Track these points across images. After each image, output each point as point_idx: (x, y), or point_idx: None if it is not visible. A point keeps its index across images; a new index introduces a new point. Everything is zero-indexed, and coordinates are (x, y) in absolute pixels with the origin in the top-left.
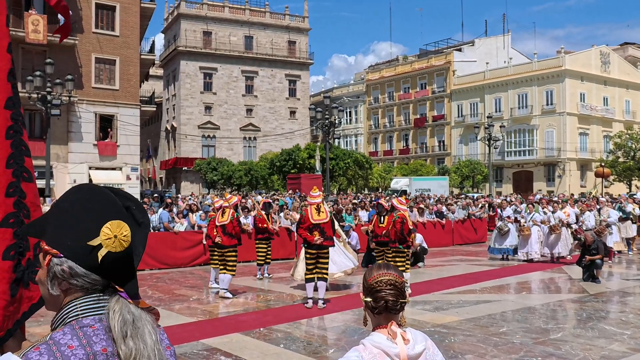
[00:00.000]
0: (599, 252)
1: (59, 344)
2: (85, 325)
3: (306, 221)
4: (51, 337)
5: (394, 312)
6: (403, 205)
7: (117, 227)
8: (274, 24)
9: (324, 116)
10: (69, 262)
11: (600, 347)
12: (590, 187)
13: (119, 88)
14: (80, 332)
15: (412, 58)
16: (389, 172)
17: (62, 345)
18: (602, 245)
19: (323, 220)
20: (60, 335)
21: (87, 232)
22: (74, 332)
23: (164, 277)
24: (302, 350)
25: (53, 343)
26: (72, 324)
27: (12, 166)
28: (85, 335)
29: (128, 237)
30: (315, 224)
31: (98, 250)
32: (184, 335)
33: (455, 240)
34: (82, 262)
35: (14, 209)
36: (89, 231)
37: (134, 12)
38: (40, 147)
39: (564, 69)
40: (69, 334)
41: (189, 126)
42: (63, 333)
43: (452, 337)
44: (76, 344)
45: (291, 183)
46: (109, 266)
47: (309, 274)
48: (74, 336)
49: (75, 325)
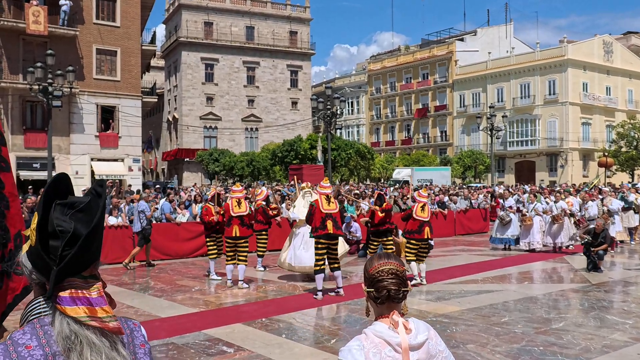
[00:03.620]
0: (606, 241)
1: (17, 344)
2: (46, 324)
3: (317, 212)
4: (11, 337)
5: (396, 301)
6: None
7: (34, 219)
8: (276, 14)
9: (325, 107)
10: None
11: (602, 337)
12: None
13: (120, 79)
14: (41, 331)
15: (414, 48)
16: (390, 163)
17: (19, 346)
18: (609, 234)
19: (334, 210)
20: (20, 335)
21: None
22: (34, 331)
23: (166, 267)
24: (304, 341)
25: (11, 343)
26: (33, 322)
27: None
28: (45, 334)
29: (34, 230)
30: (328, 214)
31: (27, 241)
32: (186, 325)
33: (457, 231)
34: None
35: None
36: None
37: (135, 3)
38: (42, 139)
39: (567, 59)
40: (28, 333)
41: (191, 117)
42: (22, 332)
43: (454, 326)
44: (35, 343)
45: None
46: (31, 259)
47: (319, 265)
48: (33, 335)
49: (37, 324)
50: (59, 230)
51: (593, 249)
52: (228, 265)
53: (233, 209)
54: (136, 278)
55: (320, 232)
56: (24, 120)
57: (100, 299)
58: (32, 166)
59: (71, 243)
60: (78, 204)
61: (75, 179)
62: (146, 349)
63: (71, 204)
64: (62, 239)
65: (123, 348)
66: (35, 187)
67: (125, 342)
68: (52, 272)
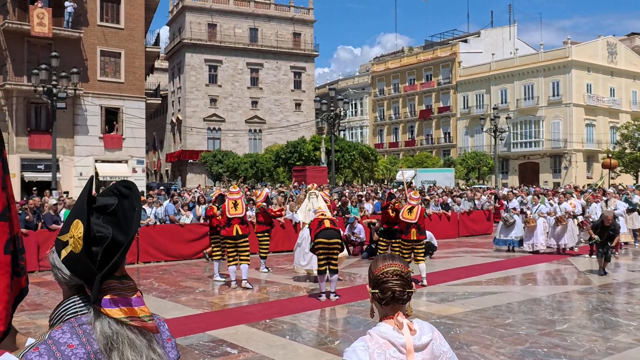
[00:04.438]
0: (616, 233)
1: (59, 343)
2: (84, 323)
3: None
4: (50, 336)
5: (401, 302)
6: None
7: (75, 226)
8: (279, 15)
9: (329, 108)
10: (54, 253)
11: (606, 339)
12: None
13: (124, 81)
14: (80, 330)
15: (417, 49)
16: (394, 164)
17: (62, 345)
18: (619, 227)
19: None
20: (59, 334)
21: (64, 227)
22: (74, 330)
23: (170, 269)
24: (308, 342)
25: (53, 343)
26: (71, 321)
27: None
28: (85, 333)
29: (80, 240)
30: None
31: (65, 247)
32: (190, 326)
33: (460, 232)
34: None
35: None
36: (65, 227)
37: (139, 5)
38: (47, 140)
39: (571, 60)
40: (68, 332)
41: (194, 119)
42: (62, 332)
43: (458, 328)
44: (76, 342)
45: (297, 175)
46: (70, 265)
47: (322, 267)
48: (73, 334)
49: (75, 323)
50: (98, 236)
51: (610, 244)
52: (230, 266)
53: (229, 211)
54: (140, 279)
55: (317, 229)
56: (29, 121)
57: (138, 299)
58: (36, 168)
59: (110, 248)
60: (109, 206)
61: (79, 180)
62: (173, 343)
63: (103, 208)
64: (101, 244)
65: (158, 346)
66: (40, 188)
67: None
68: (97, 278)
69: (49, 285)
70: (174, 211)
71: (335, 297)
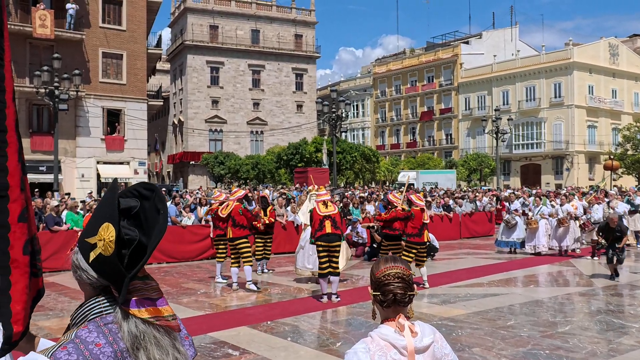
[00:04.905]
0: (623, 234)
1: (86, 342)
2: (110, 322)
3: (314, 215)
4: (77, 335)
5: (402, 304)
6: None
7: (105, 229)
8: (281, 17)
9: (330, 110)
10: (79, 254)
11: (609, 340)
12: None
13: (126, 82)
14: (106, 329)
15: (419, 51)
16: (396, 166)
17: (89, 344)
18: (625, 228)
19: (332, 212)
20: (86, 333)
21: (89, 229)
22: (100, 330)
23: (172, 270)
24: (309, 344)
25: (80, 342)
26: (96, 320)
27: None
28: (110, 332)
29: (112, 243)
30: (325, 215)
31: (93, 249)
32: (192, 328)
33: (462, 234)
34: (84, 257)
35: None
36: (91, 228)
37: (141, 7)
38: (49, 142)
39: (572, 61)
40: (94, 331)
41: (196, 120)
42: (88, 331)
43: (460, 330)
44: (103, 341)
45: (298, 177)
46: (98, 267)
47: (324, 269)
48: (100, 334)
49: (100, 322)
50: (126, 238)
51: (618, 245)
52: (233, 267)
53: (221, 212)
54: None
55: (318, 233)
56: (31, 123)
57: (162, 300)
58: (38, 169)
59: (137, 250)
60: (132, 208)
61: (81, 182)
62: (190, 341)
63: (127, 210)
64: (129, 247)
65: (180, 345)
66: (42, 190)
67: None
68: (126, 280)
69: (50, 287)
70: (176, 213)
71: (337, 299)
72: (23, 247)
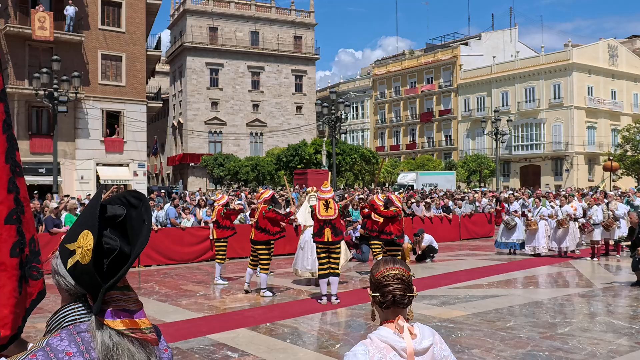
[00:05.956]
0: None
1: (57, 350)
2: (83, 331)
3: (315, 218)
4: (48, 342)
5: (401, 306)
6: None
7: (84, 237)
8: (280, 19)
9: (330, 111)
10: (58, 259)
11: (608, 342)
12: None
13: (126, 84)
14: (78, 338)
15: (418, 52)
16: (395, 167)
17: (59, 352)
18: None
19: (332, 217)
20: (57, 341)
21: (70, 235)
22: (72, 338)
23: (171, 272)
24: (308, 346)
25: (51, 350)
26: (69, 328)
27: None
28: (83, 341)
29: (89, 252)
30: (325, 221)
31: (71, 255)
32: (191, 330)
33: (462, 235)
34: (63, 262)
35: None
36: (72, 234)
37: (140, 9)
38: (48, 144)
39: (572, 63)
40: (66, 339)
41: (196, 122)
42: (60, 339)
43: (459, 331)
44: (74, 350)
45: (298, 178)
46: (76, 275)
47: (322, 270)
48: (71, 342)
49: (73, 330)
50: (106, 247)
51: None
52: (249, 268)
53: (251, 217)
54: (141, 283)
55: (317, 239)
56: (30, 125)
57: (141, 312)
58: (37, 171)
59: (115, 259)
60: (117, 217)
61: (81, 184)
62: (169, 353)
63: (112, 218)
64: (108, 256)
65: (155, 358)
66: (41, 192)
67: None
68: (102, 289)
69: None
70: (175, 214)
71: (336, 301)
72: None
